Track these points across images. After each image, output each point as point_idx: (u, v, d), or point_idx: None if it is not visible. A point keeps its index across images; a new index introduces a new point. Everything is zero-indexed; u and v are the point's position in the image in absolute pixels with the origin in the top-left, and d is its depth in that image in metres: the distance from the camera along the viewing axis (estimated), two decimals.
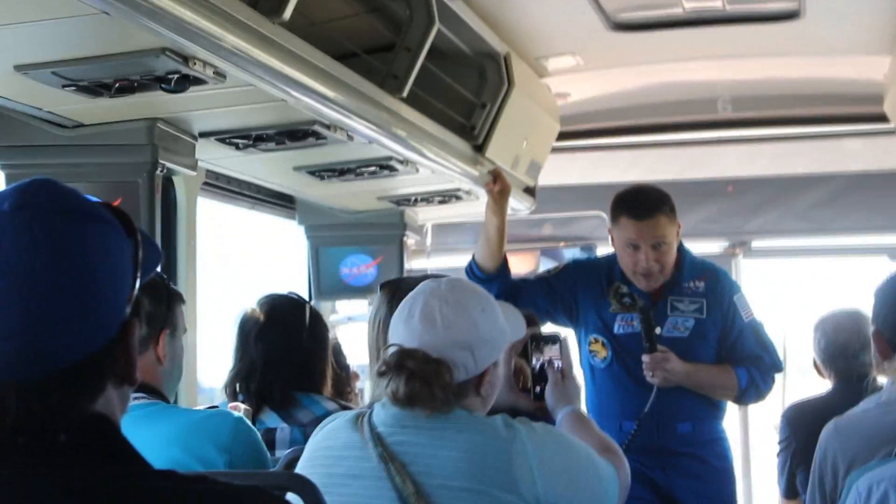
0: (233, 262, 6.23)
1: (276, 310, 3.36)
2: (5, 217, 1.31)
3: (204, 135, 3.71)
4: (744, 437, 6.76)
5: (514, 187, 4.91)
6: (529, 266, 6.86)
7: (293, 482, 2.12)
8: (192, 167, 3.73)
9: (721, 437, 4.29)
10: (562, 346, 2.92)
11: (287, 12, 2.99)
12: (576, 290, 4.29)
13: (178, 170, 3.65)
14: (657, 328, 4.08)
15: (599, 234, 6.45)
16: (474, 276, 4.26)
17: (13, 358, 1.28)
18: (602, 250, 6.46)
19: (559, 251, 7.13)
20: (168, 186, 3.83)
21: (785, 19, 4.68)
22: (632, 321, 4.15)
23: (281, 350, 3.28)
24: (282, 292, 3.47)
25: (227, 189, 4.68)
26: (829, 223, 6.91)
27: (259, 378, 3.28)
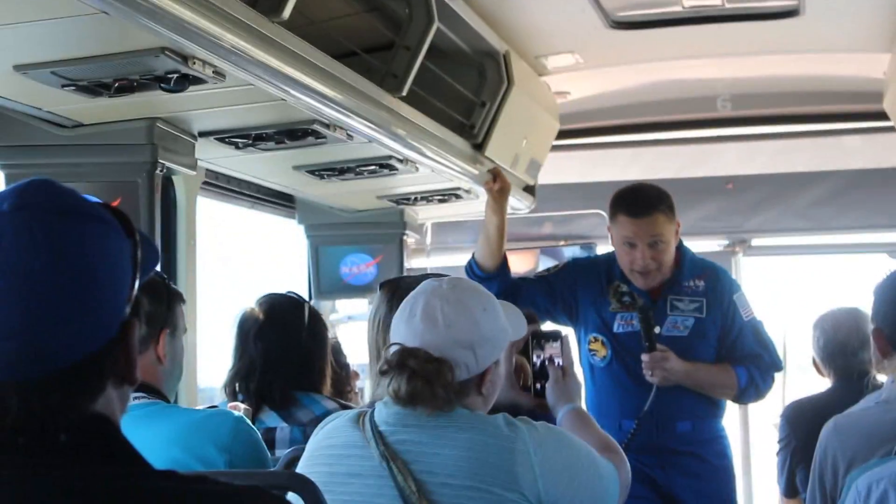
0: (233, 262, 6.23)
1: (276, 309, 3.36)
2: (5, 217, 1.32)
3: (203, 134, 3.71)
4: (744, 436, 6.76)
5: (514, 186, 4.91)
6: (529, 265, 6.86)
7: (293, 482, 2.12)
8: (192, 167, 3.73)
9: (721, 436, 4.28)
10: (563, 343, 2.92)
11: (286, 11, 2.98)
12: (575, 289, 4.28)
13: (177, 169, 3.65)
14: (657, 327, 4.08)
15: (599, 232, 6.45)
16: (474, 274, 4.26)
17: (13, 358, 1.28)
18: (602, 249, 6.46)
19: (559, 250, 7.13)
20: (168, 186, 3.83)
21: (784, 17, 4.68)
22: (631, 320, 4.15)
23: (280, 349, 3.28)
24: (281, 292, 3.47)
25: (227, 188, 4.67)
26: (829, 221, 6.91)
27: (259, 377, 3.28)
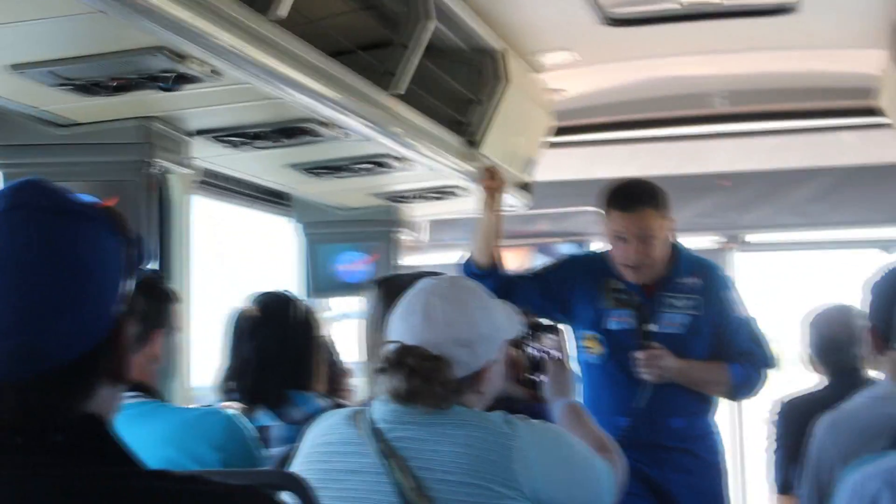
0: (228, 260, 6.22)
1: (269, 307, 3.35)
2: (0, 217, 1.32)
3: (199, 133, 3.71)
4: (737, 432, 6.77)
5: (509, 183, 4.91)
6: (524, 262, 6.86)
7: (287, 481, 2.12)
8: (188, 165, 3.73)
9: (713, 432, 4.29)
10: (559, 335, 2.93)
11: (282, 10, 2.99)
12: (570, 286, 4.28)
13: (173, 168, 3.65)
14: (652, 324, 4.09)
15: (594, 229, 6.44)
16: (469, 271, 4.26)
17: (9, 357, 1.29)
18: (596, 246, 6.46)
19: (554, 247, 7.13)
20: (163, 185, 3.82)
21: (780, 13, 4.69)
22: (626, 317, 4.15)
23: (274, 347, 3.27)
24: (274, 290, 3.46)
25: (223, 187, 4.67)
26: (824, 217, 6.91)
27: (252, 376, 3.27)
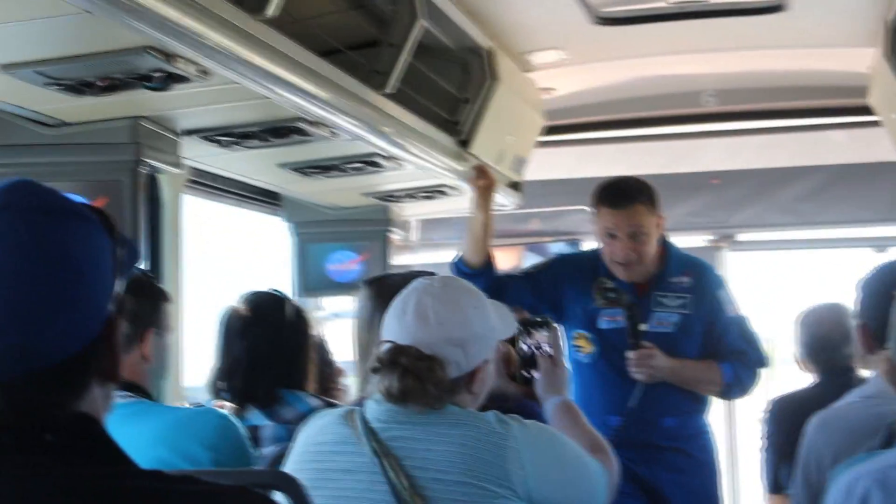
0: (219, 260, 6.22)
1: (260, 307, 3.34)
2: None
3: (188, 132, 3.71)
4: (730, 432, 6.77)
5: (499, 182, 4.91)
6: (515, 261, 6.86)
7: (279, 480, 2.12)
8: (177, 165, 3.72)
9: (705, 431, 4.29)
10: (551, 331, 2.92)
11: (271, 9, 2.98)
12: (561, 285, 4.28)
13: (162, 168, 3.64)
14: (643, 324, 4.09)
15: (585, 228, 6.45)
16: (460, 271, 4.25)
17: (1, 357, 1.28)
18: (587, 245, 6.46)
19: (545, 246, 7.13)
20: (153, 185, 3.82)
21: (769, 12, 4.69)
22: (617, 316, 4.15)
23: (265, 347, 3.26)
24: (265, 289, 3.45)
25: (213, 186, 4.66)
26: (814, 216, 6.91)
27: (243, 375, 3.26)
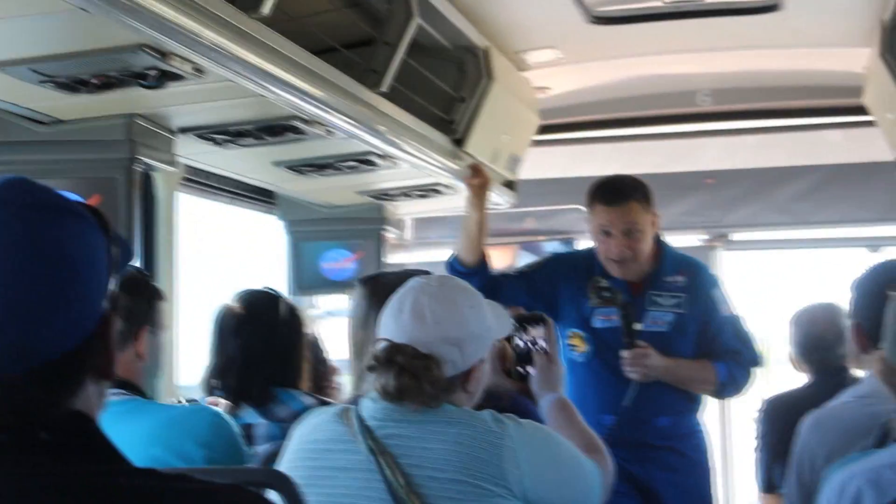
0: (213, 258, 6.21)
1: (254, 305, 3.34)
2: None
3: (183, 130, 3.71)
4: (724, 431, 6.78)
5: (494, 181, 4.91)
6: (509, 260, 6.87)
7: (273, 479, 2.12)
8: (171, 163, 3.72)
9: (698, 430, 4.29)
10: (547, 327, 2.92)
11: (266, 7, 2.98)
12: (556, 284, 4.27)
13: (157, 166, 3.64)
14: (637, 323, 4.08)
15: (579, 227, 6.45)
16: (455, 270, 4.24)
17: None
18: (582, 244, 6.47)
19: (539, 245, 7.13)
20: (147, 182, 3.81)
21: (764, 12, 4.70)
22: (611, 315, 4.14)
23: (258, 345, 3.26)
24: (259, 287, 3.45)
25: (207, 184, 4.66)
26: (809, 215, 6.92)
27: (237, 373, 3.25)
